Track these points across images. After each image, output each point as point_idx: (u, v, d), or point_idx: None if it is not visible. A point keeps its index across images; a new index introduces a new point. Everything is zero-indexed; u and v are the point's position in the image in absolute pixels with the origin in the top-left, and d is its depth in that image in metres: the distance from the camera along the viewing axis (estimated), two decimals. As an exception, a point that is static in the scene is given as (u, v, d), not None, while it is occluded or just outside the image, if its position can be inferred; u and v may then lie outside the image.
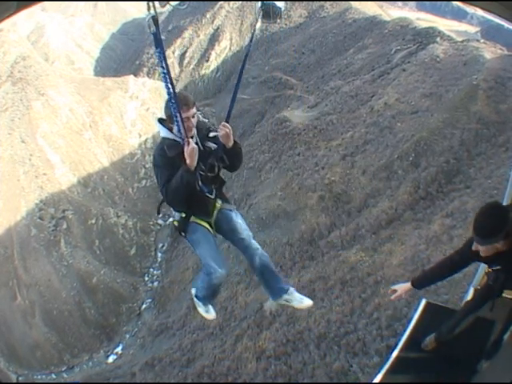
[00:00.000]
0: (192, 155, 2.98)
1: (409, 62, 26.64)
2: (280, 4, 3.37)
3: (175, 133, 3.04)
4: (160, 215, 31.04)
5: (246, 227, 3.55)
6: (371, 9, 46.08)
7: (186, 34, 49.83)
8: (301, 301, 3.59)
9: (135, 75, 43.88)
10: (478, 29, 61.60)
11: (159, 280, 28.13)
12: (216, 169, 3.33)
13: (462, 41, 28.46)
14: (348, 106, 26.15)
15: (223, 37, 48.74)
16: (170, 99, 2.75)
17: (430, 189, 17.57)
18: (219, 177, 3.43)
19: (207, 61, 48.03)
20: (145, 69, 48.61)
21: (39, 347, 24.20)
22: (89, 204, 29.63)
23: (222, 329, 17.92)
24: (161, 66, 2.63)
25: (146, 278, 28.65)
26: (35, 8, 45.83)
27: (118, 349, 24.52)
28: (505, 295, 3.88)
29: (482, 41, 29.38)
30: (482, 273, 4.55)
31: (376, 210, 18.31)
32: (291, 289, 3.58)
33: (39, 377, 23.51)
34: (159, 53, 2.59)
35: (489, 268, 3.53)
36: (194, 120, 3.13)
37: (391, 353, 4.40)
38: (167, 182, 3.08)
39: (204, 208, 3.41)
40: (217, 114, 39.73)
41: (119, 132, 35.44)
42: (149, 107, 37.76)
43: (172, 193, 3.08)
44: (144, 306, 26.69)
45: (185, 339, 18.91)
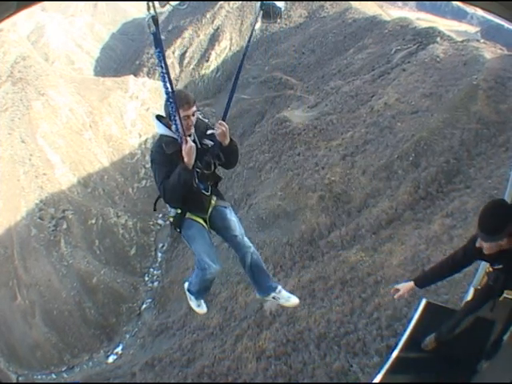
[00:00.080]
0: (190, 153, 3.00)
1: (409, 62, 26.64)
2: (280, 4, 3.37)
3: (173, 130, 3.05)
4: (160, 215, 31.04)
5: (240, 225, 3.61)
6: (371, 9, 46.07)
7: (186, 34, 49.83)
8: (288, 299, 3.73)
9: (135, 75, 43.88)
10: (478, 29, 61.55)
11: (159, 280, 28.13)
12: (212, 166, 3.37)
13: (462, 41, 28.45)
14: (348, 106, 26.15)
15: (223, 37, 48.74)
16: (169, 98, 2.76)
17: (430, 189, 17.57)
18: (215, 174, 3.48)
19: (207, 61, 48.02)
20: (145, 69, 48.60)
21: (39, 347, 24.20)
22: (89, 204, 29.62)
23: (222, 329, 17.92)
24: (160, 66, 2.63)
25: (146, 278, 28.64)
26: (35, 8, 45.83)
27: (118, 349, 24.51)
28: (505, 295, 3.89)
29: (482, 41, 29.37)
30: (483, 273, 4.55)
31: (376, 210, 18.31)
32: (279, 287, 3.71)
33: (39, 377, 23.50)
34: (159, 53, 2.60)
35: (491, 267, 3.53)
36: (194, 118, 3.15)
37: (391, 353, 4.40)
38: (165, 179, 3.10)
39: (200, 205, 3.45)
40: (217, 114, 39.70)
41: (119, 132, 35.44)
42: (149, 107, 37.75)
43: (170, 190, 3.10)
44: (144, 306, 26.68)
45: (185, 339, 18.91)
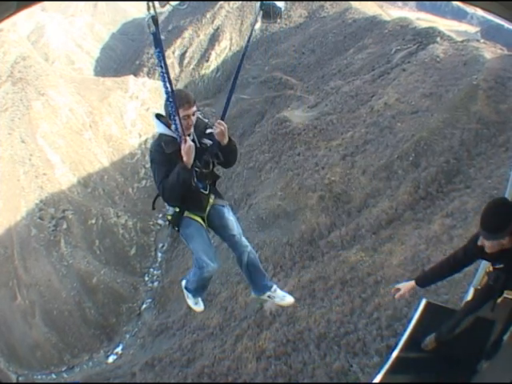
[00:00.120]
0: (189, 153, 3.00)
1: (409, 62, 26.64)
2: (280, 4, 3.37)
3: (173, 130, 3.06)
4: (160, 215, 31.05)
5: (237, 224, 3.64)
6: (371, 9, 46.06)
7: (186, 34, 49.81)
8: (283, 298, 3.81)
9: (135, 75, 43.86)
10: (478, 29, 61.52)
11: (159, 280, 28.12)
12: (211, 165, 3.38)
13: (462, 41, 28.45)
14: (348, 106, 26.15)
15: (223, 37, 48.72)
16: (168, 98, 2.77)
17: (430, 189, 17.57)
18: (213, 172, 3.49)
19: (207, 61, 48.01)
20: (145, 69, 48.59)
21: (39, 347, 24.19)
22: (89, 204, 29.62)
23: (222, 329, 17.92)
24: (160, 66, 2.64)
25: (146, 278, 28.64)
26: (35, 8, 45.84)
27: (118, 349, 24.50)
28: (505, 295, 3.89)
29: (482, 41, 29.37)
30: (483, 273, 4.55)
31: (376, 210, 18.31)
32: (275, 286, 3.78)
33: (39, 377, 23.49)
34: (159, 53, 2.60)
35: (492, 266, 3.53)
36: (194, 118, 3.16)
37: (391, 353, 4.40)
38: (164, 179, 3.11)
39: (198, 203, 3.46)
40: (217, 114, 39.68)
41: (119, 132, 35.43)
42: (149, 107, 37.73)
43: (168, 189, 3.11)
44: (144, 306, 26.68)
45: (185, 339, 18.90)
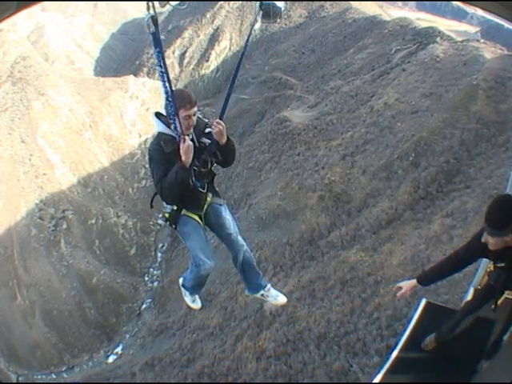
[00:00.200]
0: (187, 152, 3.01)
1: (409, 62, 26.64)
2: (280, 4, 3.37)
3: (172, 129, 3.06)
4: (160, 215, 31.01)
5: (234, 223, 3.69)
6: (371, 9, 46.05)
7: (186, 34, 49.79)
8: (276, 297, 3.89)
9: (135, 75, 43.84)
10: (478, 29, 61.48)
11: (159, 280, 28.12)
12: (209, 164, 3.40)
13: (462, 41, 28.44)
14: (348, 106, 26.15)
15: (223, 37, 48.71)
16: (168, 98, 2.77)
17: (430, 189, 17.57)
18: (211, 171, 3.50)
19: (207, 61, 48.00)
20: (145, 69, 48.57)
21: (39, 347, 24.19)
22: (89, 204, 29.61)
23: (222, 329, 17.91)
24: (159, 66, 2.64)
25: (146, 278, 28.63)
26: (35, 8, 45.81)
27: (118, 349, 24.50)
28: (506, 296, 3.89)
29: (482, 41, 29.37)
30: (483, 273, 4.56)
31: (376, 210, 18.30)
32: (268, 285, 3.86)
33: (39, 377, 23.49)
34: (158, 53, 2.61)
35: (493, 264, 3.52)
36: (195, 118, 3.16)
37: (391, 353, 4.41)
38: (162, 178, 3.12)
39: (196, 202, 3.49)
40: (216, 114, 39.17)
41: (119, 132, 35.43)
42: (149, 107, 37.70)
43: (167, 189, 3.12)
44: (144, 306, 26.67)
45: (185, 339, 18.89)
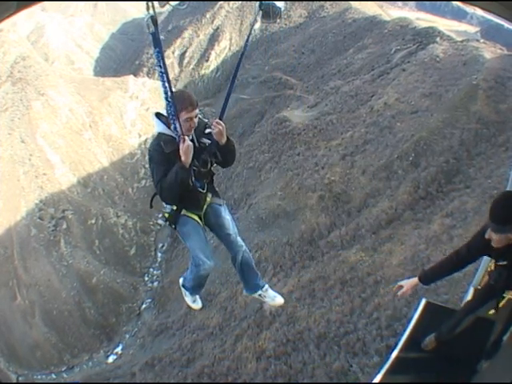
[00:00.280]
0: (187, 152, 3.01)
1: (408, 62, 26.64)
2: (280, 4, 3.37)
3: (172, 129, 3.06)
4: (160, 215, 31.02)
5: (233, 224, 3.70)
6: (371, 9, 46.05)
7: (186, 34, 49.78)
8: (273, 298, 3.90)
9: (135, 75, 43.84)
10: (478, 29, 61.47)
11: (159, 280, 28.11)
12: (209, 164, 3.40)
13: (462, 41, 28.44)
14: (348, 106, 26.15)
15: (223, 37, 48.70)
16: (167, 98, 2.77)
17: (430, 189, 17.57)
18: (211, 171, 3.51)
19: (207, 61, 47.99)
20: (145, 69, 48.55)
21: (39, 347, 24.19)
22: (89, 204, 29.61)
23: (222, 329, 17.91)
24: (158, 66, 2.64)
25: (146, 278, 28.63)
26: (35, 8, 45.80)
27: (118, 349, 24.50)
28: (507, 298, 3.89)
29: (482, 41, 29.37)
30: (483, 272, 4.56)
31: (376, 210, 18.30)
32: (266, 286, 3.87)
33: (39, 377, 23.48)
34: (158, 53, 2.61)
35: (495, 263, 3.52)
36: (196, 120, 3.16)
37: (391, 353, 4.41)
38: (162, 178, 3.12)
39: (195, 202, 3.49)
40: (216, 114, 39.16)
41: (119, 132, 35.42)
42: (149, 107, 37.70)
43: (167, 189, 3.12)
44: (144, 306, 26.67)
45: (185, 339, 18.89)
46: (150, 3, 2.40)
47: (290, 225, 20.81)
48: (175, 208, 3.49)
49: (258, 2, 3.36)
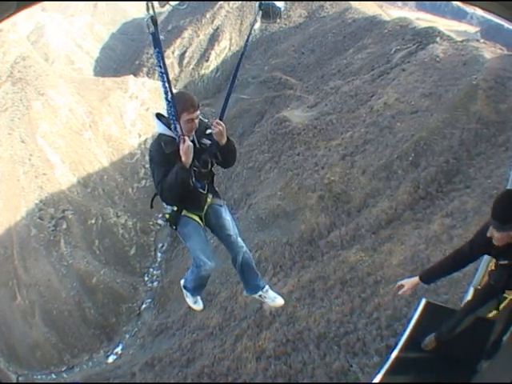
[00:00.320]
0: (187, 153, 3.01)
1: (408, 62, 26.64)
2: (280, 4, 3.37)
3: (173, 129, 3.06)
4: (160, 215, 31.03)
5: (234, 225, 3.69)
6: (371, 9, 46.05)
7: (186, 34, 49.79)
8: (273, 299, 3.90)
9: (135, 75, 43.85)
10: (478, 29, 61.47)
11: (159, 280, 28.11)
12: (209, 165, 3.40)
13: (462, 41, 28.44)
14: (348, 106, 26.15)
15: (223, 37, 48.71)
16: (167, 98, 2.77)
17: (430, 189, 17.57)
18: (211, 171, 3.50)
19: (207, 61, 48.00)
20: (144, 69, 48.56)
21: (39, 347, 24.19)
22: (89, 204, 29.61)
23: (222, 329, 17.92)
24: (158, 66, 2.64)
25: (146, 278, 28.63)
26: (35, 8, 45.79)
27: (118, 349, 24.50)
28: (505, 295, 3.89)
29: (482, 41, 29.37)
30: (483, 272, 4.56)
31: (376, 210, 18.31)
32: (267, 287, 3.87)
33: (39, 377, 23.48)
34: (158, 53, 2.61)
35: (496, 261, 3.51)
36: (197, 121, 3.16)
37: (391, 353, 4.40)
38: (163, 179, 3.12)
39: (196, 203, 3.49)
40: (216, 114, 39.22)
41: (119, 132, 35.42)
42: (149, 107, 37.71)
43: (167, 189, 3.12)
44: (144, 306, 26.67)
45: (185, 339, 18.90)
46: (150, 3, 2.39)
47: (290, 225, 20.81)
48: (176, 209, 3.48)
49: (258, 2, 3.35)
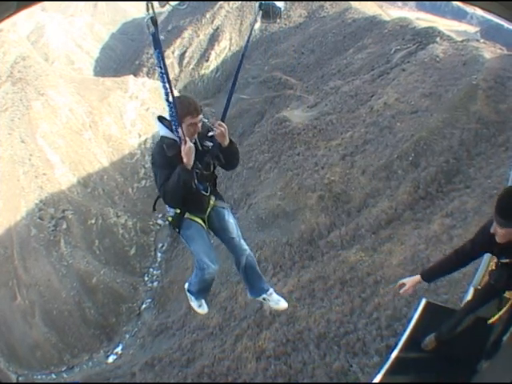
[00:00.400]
0: (189, 154, 3.00)
1: (408, 62, 26.65)
2: (280, 4, 3.37)
3: (174, 131, 3.05)
4: (160, 215, 31.04)
5: (237, 227, 3.66)
6: (371, 9, 46.06)
7: (186, 34, 49.81)
8: (277, 302, 3.87)
9: (135, 75, 43.84)
10: (478, 29, 61.49)
11: (159, 280, 28.12)
12: (212, 167, 3.39)
13: (462, 41, 28.44)
14: (348, 106, 26.15)
15: (223, 37, 48.72)
16: (167, 99, 2.77)
17: (430, 189, 17.57)
18: (214, 174, 3.49)
19: (207, 61, 48.02)
20: (144, 69, 48.58)
21: (39, 347, 24.19)
22: (89, 204, 29.61)
23: (222, 329, 17.92)
24: (158, 66, 2.64)
25: (146, 278, 28.63)
26: (35, 8, 45.79)
27: (118, 349, 24.50)
28: (505, 295, 3.89)
29: (482, 41, 29.37)
30: (483, 272, 4.55)
31: (376, 210, 18.31)
32: (271, 290, 3.83)
33: (39, 377, 23.48)
34: (158, 53, 2.61)
35: (497, 260, 3.51)
36: (200, 125, 3.16)
37: (391, 353, 4.40)
38: (165, 182, 3.11)
39: (199, 205, 3.47)
40: (216, 114, 39.67)
41: (119, 132, 35.42)
42: (148, 107, 37.73)
43: (170, 192, 3.11)
44: (144, 306, 26.67)
45: (185, 339, 18.90)
46: (150, 3, 2.39)
47: (290, 225, 20.81)
48: (179, 211, 3.44)
49: (258, 2, 3.36)
